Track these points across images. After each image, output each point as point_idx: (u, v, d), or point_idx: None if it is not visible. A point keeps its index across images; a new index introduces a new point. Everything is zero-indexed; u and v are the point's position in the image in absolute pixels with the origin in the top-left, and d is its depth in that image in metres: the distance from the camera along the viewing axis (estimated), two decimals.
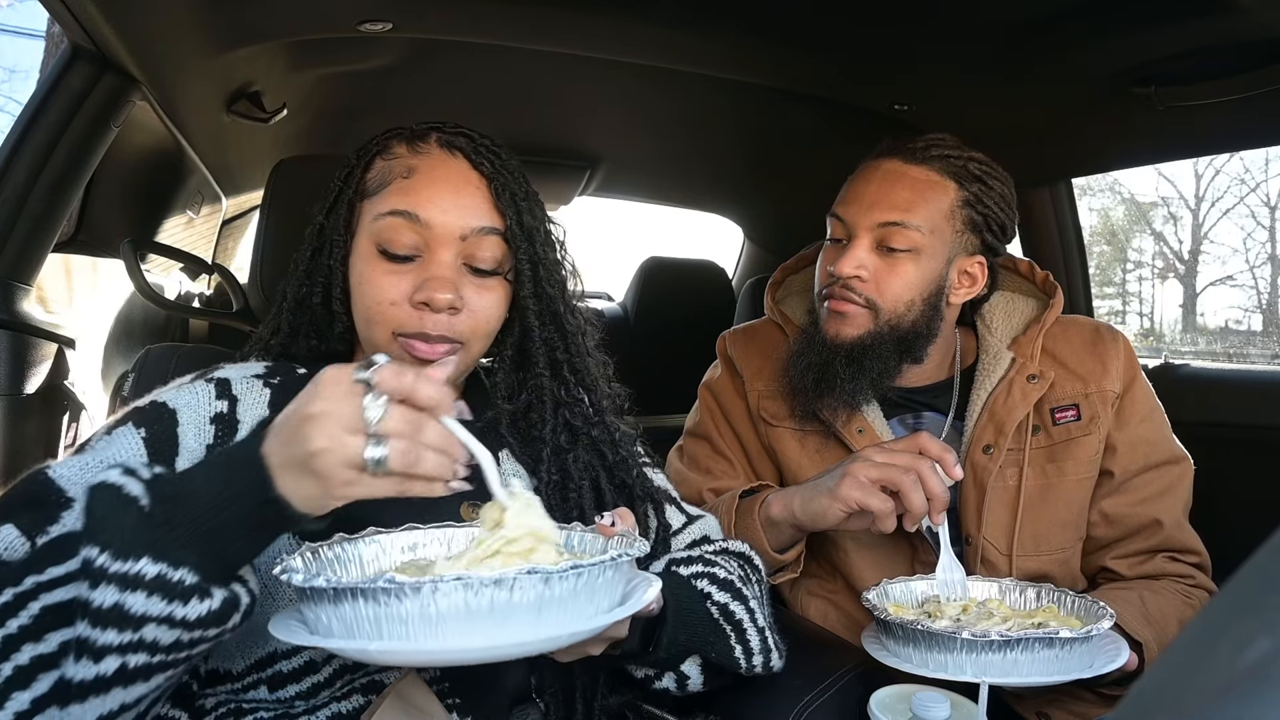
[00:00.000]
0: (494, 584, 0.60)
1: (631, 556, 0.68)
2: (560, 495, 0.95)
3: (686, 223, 10.27)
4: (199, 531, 0.63)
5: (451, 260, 0.89)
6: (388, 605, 0.60)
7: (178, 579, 0.61)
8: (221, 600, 0.64)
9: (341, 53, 1.60)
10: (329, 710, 0.80)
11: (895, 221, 1.17)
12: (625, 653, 0.86)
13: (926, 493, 1.04)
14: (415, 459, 0.64)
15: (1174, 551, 1.21)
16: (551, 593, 0.62)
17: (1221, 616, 0.24)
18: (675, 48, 1.55)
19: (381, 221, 0.89)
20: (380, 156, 0.94)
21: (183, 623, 0.62)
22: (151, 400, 0.86)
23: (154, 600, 0.61)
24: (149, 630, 0.61)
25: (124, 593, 0.60)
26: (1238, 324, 13.68)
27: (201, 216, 2.08)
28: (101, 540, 0.61)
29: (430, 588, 0.59)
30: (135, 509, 0.62)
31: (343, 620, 0.62)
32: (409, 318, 0.87)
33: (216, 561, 0.65)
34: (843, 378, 1.19)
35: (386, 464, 0.63)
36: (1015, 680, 0.92)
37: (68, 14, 1.20)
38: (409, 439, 0.64)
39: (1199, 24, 1.22)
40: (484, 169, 0.91)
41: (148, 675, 0.63)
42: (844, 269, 1.18)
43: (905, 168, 1.20)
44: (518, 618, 0.61)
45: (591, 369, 1.00)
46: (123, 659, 0.61)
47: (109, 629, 0.60)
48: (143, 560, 0.61)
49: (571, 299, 0.99)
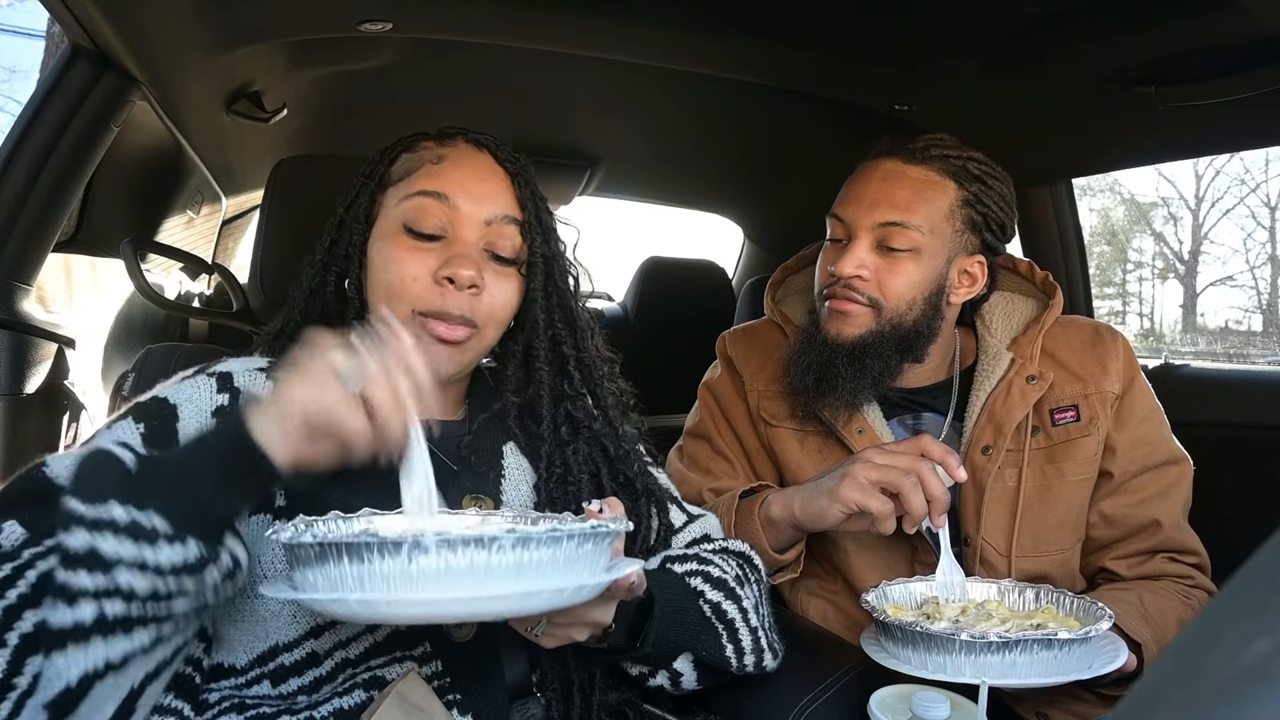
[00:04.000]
0: (474, 542, 0.62)
1: (612, 531, 0.70)
2: (560, 488, 0.96)
3: (686, 223, 10.26)
4: (178, 483, 0.66)
5: (475, 242, 0.92)
6: (370, 561, 0.62)
7: (150, 525, 0.63)
8: (198, 550, 0.65)
9: (342, 52, 1.60)
10: (330, 705, 0.80)
11: (895, 221, 1.17)
12: (613, 646, 0.86)
13: (926, 495, 1.04)
14: (384, 383, 0.68)
15: (1173, 552, 1.21)
16: (530, 556, 0.64)
17: (1221, 616, 0.24)
18: (675, 48, 1.55)
19: (409, 202, 0.92)
20: (406, 152, 0.98)
21: (155, 569, 0.63)
22: (152, 396, 0.87)
23: (124, 542, 0.62)
24: (122, 575, 0.62)
25: (94, 534, 0.62)
26: (1238, 324, 13.69)
27: (201, 216, 2.08)
28: (76, 489, 0.63)
29: (411, 544, 0.61)
30: (119, 466, 0.65)
31: (328, 578, 0.64)
32: (431, 293, 0.89)
33: (195, 512, 0.66)
34: (844, 377, 1.19)
35: (348, 373, 0.68)
36: (1014, 681, 0.92)
37: (68, 14, 1.20)
38: (393, 385, 0.69)
39: (1200, 24, 1.22)
40: (507, 165, 0.97)
41: (128, 627, 0.63)
42: (845, 269, 1.18)
43: (905, 167, 1.20)
44: (496, 579, 0.63)
45: (599, 365, 1.02)
46: (99, 605, 0.62)
47: (81, 570, 0.62)
48: (113, 504, 0.63)
49: (581, 297, 1.03)
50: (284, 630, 0.82)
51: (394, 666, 0.82)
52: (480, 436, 0.98)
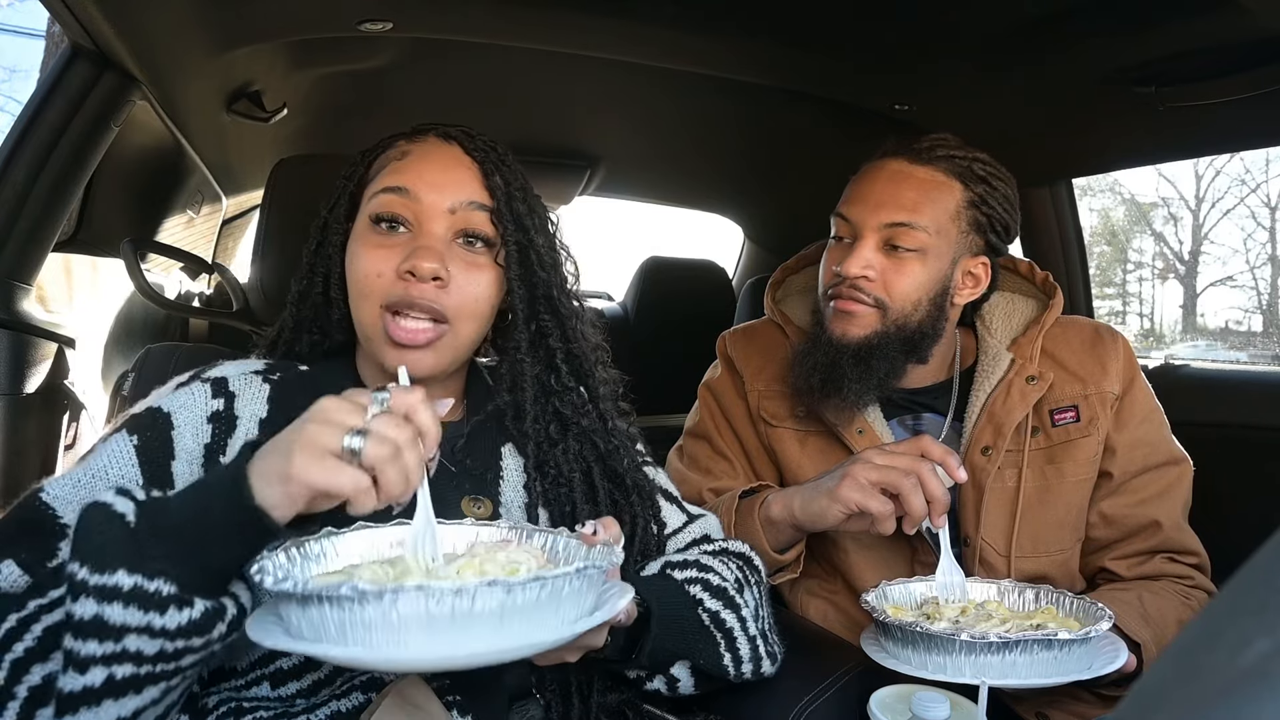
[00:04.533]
0: (455, 593, 0.60)
1: (601, 569, 0.68)
2: (554, 489, 0.95)
3: (686, 223, 10.25)
4: (182, 544, 0.65)
5: (441, 234, 0.91)
6: (351, 610, 0.61)
7: (154, 589, 0.63)
8: (203, 610, 0.65)
9: (342, 52, 1.60)
10: (328, 709, 0.80)
11: (902, 222, 1.17)
12: (609, 657, 0.86)
13: (926, 495, 1.04)
14: (389, 458, 0.66)
15: (1173, 552, 1.21)
16: (514, 602, 0.62)
17: (1221, 616, 0.24)
18: (675, 48, 1.55)
19: (375, 199, 0.92)
20: (382, 152, 0.97)
21: (163, 632, 0.63)
22: (146, 406, 0.87)
23: (131, 610, 0.62)
24: (130, 640, 0.63)
25: (102, 604, 0.62)
26: (1238, 325, 13.69)
27: (201, 216, 2.08)
28: (82, 555, 0.63)
29: (391, 595, 0.60)
30: (120, 524, 0.64)
31: (310, 623, 0.63)
32: (395, 288, 0.88)
33: (199, 572, 0.66)
34: (850, 378, 1.18)
35: (363, 453, 0.65)
36: (1014, 682, 0.92)
37: (68, 14, 1.20)
38: (392, 442, 0.67)
39: (1200, 24, 1.22)
40: (476, 155, 0.94)
41: (138, 687, 0.64)
42: (851, 269, 1.17)
43: (912, 168, 1.20)
44: (480, 626, 0.62)
45: (589, 356, 0.99)
46: (109, 670, 0.63)
47: (90, 640, 0.62)
48: (119, 572, 0.62)
49: (569, 286, 0.99)
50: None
51: None
52: (477, 438, 0.97)
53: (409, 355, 0.88)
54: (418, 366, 0.89)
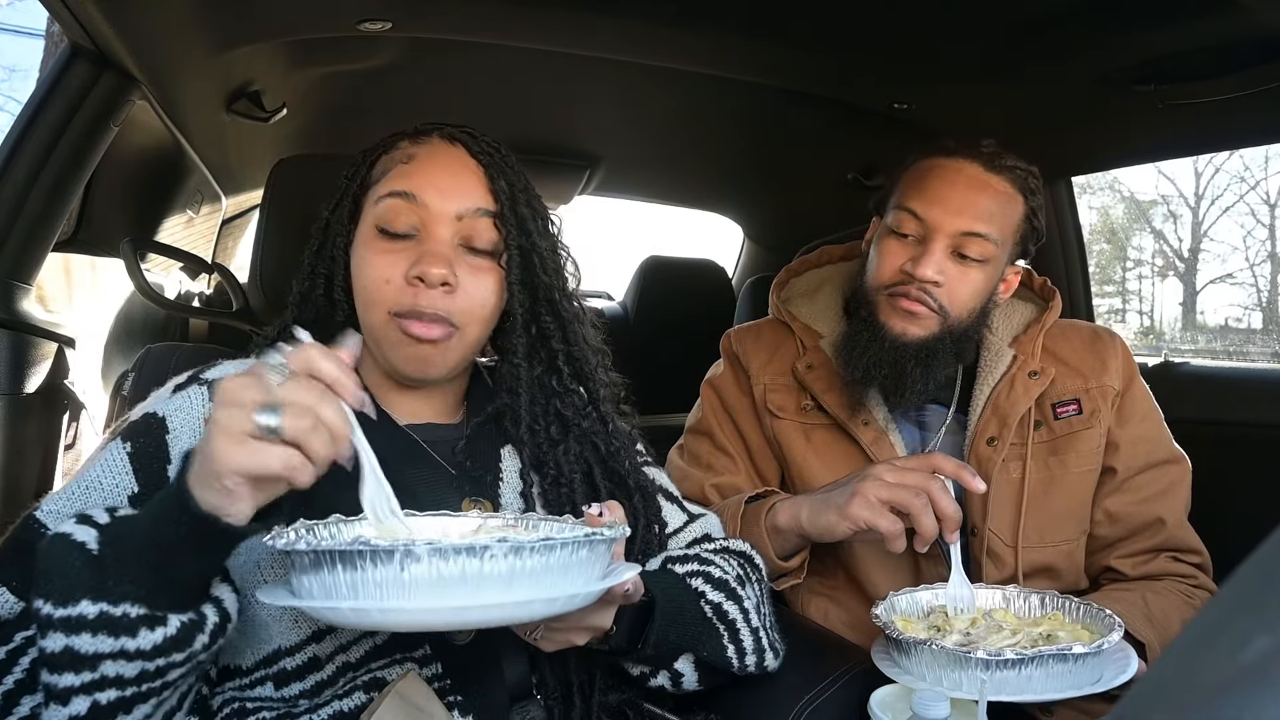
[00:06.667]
0: (466, 551, 0.62)
1: (607, 539, 0.69)
2: (554, 490, 0.95)
3: (686, 223, 10.26)
4: (145, 564, 0.64)
5: (448, 239, 0.90)
6: (363, 569, 0.62)
7: (120, 614, 0.63)
8: (179, 625, 0.65)
9: (341, 52, 1.60)
10: (330, 709, 0.80)
11: (978, 232, 1.16)
12: (614, 648, 0.86)
13: (938, 513, 1.03)
14: (309, 427, 0.63)
15: (1176, 551, 1.21)
16: (523, 564, 0.64)
17: (1221, 615, 0.24)
18: (675, 47, 1.55)
19: (381, 204, 0.91)
20: (385, 153, 0.96)
21: (139, 654, 0.63)
22: (142, 412, 0.87)
23: (101, 638, 0.62)
24: (107, 666, 0.62)
25: (70, 636, 0.62)
26: (1238, 322, 13.69)
27: (201, 216, 2.08)
28: (45, 591, 0.62)
29: (404, 552, 0.61)
30: (80, 553, 0.63)
31: (322, 585, 0.64)
32: (403, 294, 0.88)
33: (168, 587, 0.65)
34: (913, 378, 1.18)
35: (280, 430, 0.62)
36: (1029, 697, 0.90)
37: (68, 13, 1.20)
38: (305, 407, 0.63)
39: (1200, 23, 1.22)
40: (481, 158, 0.94)
41: (126, 708, 0.64)
42: (926, 272, 1.16)
43: (987, 176, 1.19)
44: (488, 587, 0.63)
45: (590, 358, 0.99)
46: (91, 697, 0.63)
47: (66, 672, 0.62)
48: (82, 603, 0.62)
49: (570, 288, 0.99)
50: (286, 635, 0.82)
51: (394, 669, 0.82)
52: (477, 439, 0.97)
53: (423, 350, 0.88)
54: (431, 367, 0.90)
